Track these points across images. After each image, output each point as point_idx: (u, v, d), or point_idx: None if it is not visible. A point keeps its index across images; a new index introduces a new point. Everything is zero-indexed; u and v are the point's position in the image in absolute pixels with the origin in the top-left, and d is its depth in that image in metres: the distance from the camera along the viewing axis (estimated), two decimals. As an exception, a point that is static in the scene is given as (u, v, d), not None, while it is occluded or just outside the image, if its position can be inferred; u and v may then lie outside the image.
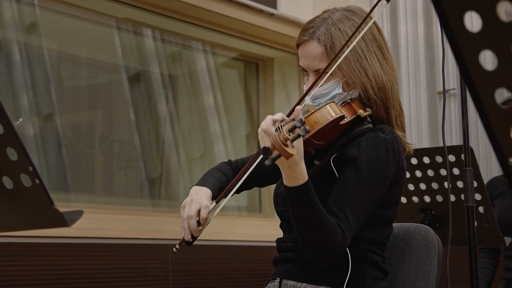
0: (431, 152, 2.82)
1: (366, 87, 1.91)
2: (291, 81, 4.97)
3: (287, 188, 1.72)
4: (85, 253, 3.46)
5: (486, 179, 3.39)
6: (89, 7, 4.07)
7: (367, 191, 1.81)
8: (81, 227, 2.29)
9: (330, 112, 1.81)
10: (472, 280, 2.29)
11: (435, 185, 2.83)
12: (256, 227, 4.42)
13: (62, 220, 1.36)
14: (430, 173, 2.82)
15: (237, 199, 4.72)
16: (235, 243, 4.19)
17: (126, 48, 4.30)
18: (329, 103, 1.83)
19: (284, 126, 1.62)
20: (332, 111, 1.81)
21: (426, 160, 2.81)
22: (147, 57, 4.37)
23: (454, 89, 4.89)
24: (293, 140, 1.56)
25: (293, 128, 1.57)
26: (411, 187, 2.89)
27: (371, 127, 1.90)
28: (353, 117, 1.87)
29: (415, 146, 2.08)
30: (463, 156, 2.39)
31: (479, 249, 3.58)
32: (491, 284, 3.58)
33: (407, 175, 2.86)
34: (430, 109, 5.00)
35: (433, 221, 2.87)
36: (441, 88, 4.90)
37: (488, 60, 0.76)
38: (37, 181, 1.34)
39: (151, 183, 4.43)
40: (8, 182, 1.39)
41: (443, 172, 2.79)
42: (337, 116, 1.81)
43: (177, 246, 1.90)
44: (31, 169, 1.33)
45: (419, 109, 5.02)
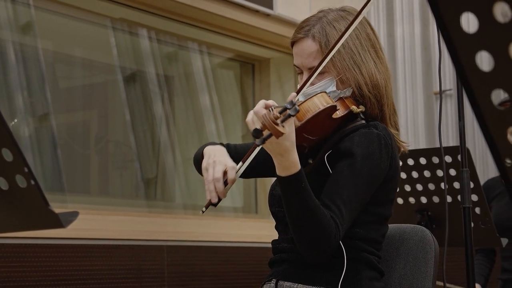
0: (427, 153, 2.82)
1: (360, 84, 1.92)
2: (287, 82, 4.96)
3: (280, 178, 1.72)
4: (81, 254, 3.45)
5: (482, 180, 3.38)
6: (84, 7, 4.06)
7: (360, 185, 1.81)
8: (76, 228, 2.28)
9: (321, 101, 1.82)
10: (468, 281, 2.29)
11: (431, 186, 2.83)
12: (252, 228, 4.41)
13: (57, 221, 1.36)
14: (426, 174, 2.82)
15: (233, 200, 4.71)
16: (231, 244, 4.18)
17: (121, 48, 4.29)
18: (321, 92, 1.84)
19: (275, 108, 1.64)
20: (323, 100, 1.82)
21: (422, 161, 2.81)
22: (143, 57, 4.37)
23: (450, 89, 4.89)
24: (284, 120, 1.58)
25: (284, 109, 1.59)
26: (407, 188, 2.89)
27: (365, 124, 1.91)
28: (346, 112, 1.88)
29: (410, 145, 2.09)
30: (459, 157, 2.39)
31: (475, 250, 3.58)
32: (488, 279, 3.58)
33: (404, 175, 2.86)
34: (426, 110, 5.00)
35: (429, 222, 2.86)
36: (438, 88, 4.92)
37: (484, 61, 0.76)
38: (33, 182, 1.34)
39: (146, 184, 4.43)
40: (3, 183, 1.38)
41: (440, 173, 2.78)
42: (329, 105, 1.81)
43: (204, 209, 1.88)
44: (26, 170, 1.33)
45: (416, 110, 5.02)
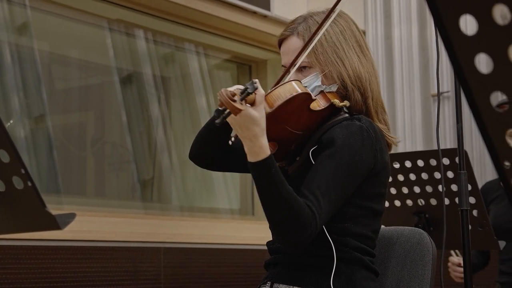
0: (425, 155, 2.81)
1: (343, 77, 1.92)
2: (284, 83, 4.95)
3: (250, 164, 1.72)
4: (77, 256, 3.44)
5: (480, 182, 3.38)
6: (81, 8, 4.05)
7: (340, 175, 1.80)
8: (72, 230, 2.27)
9: (294, 87, 1.81)
10: (466, 283, 2.28)
11: (429, 188, 2.82)
12: (248, 230, 4.40)
13: (54, 223, 1.36)
14: (424, 176, 2.81)
15: (230, 202, 4.70)
16: (227, 246, 4.17)
17: (118, 49, 4.28)
18: (293, 80, 1.84)
19: (236, 90, 1.66)
20: (297, 86, 1.82)
21: (420, 163, 2.80)
22: (139, 58, 4.36)
23: (448, 91, 4.89)
24: (243, 97, 1.60)
25: (245, 89, 1.62)
26: (405, 190, 2.88)
27: (348, 117, 1.91)
28: (327, 105, 1.88)
29: (399, 139, 2.09)
30: (457, 159, 2.38)
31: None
32: (479, 266, 3.59)
33: (401, 178, 2.85)
34: (424, 112, 5.00)
35: (427, 224, 2.86)
36: (435, 90, 4.91)
37: (482, 63, 0.75)
38: (30, 184, 1.34)
39: (143, 185, 4.42)
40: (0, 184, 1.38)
41: (437, 175, 2.77)
42: (302, 91, 1.81)
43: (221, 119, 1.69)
44: (23, 171, 1.33)
45: (413, 112, 5.02)
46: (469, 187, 2.53)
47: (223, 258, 4.11)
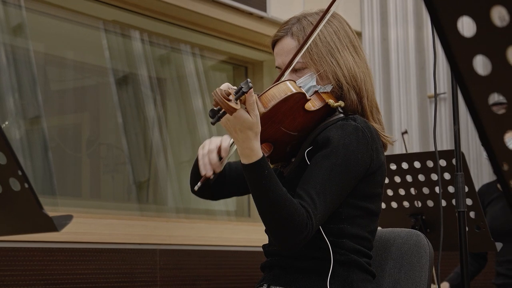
0: (422, 156, 2.81)
1: (338, 76, 1.92)
2: (280, 85, 4.94)
3: (243, 166, 1.73)
4: (72, 258, 3.43)
5: (476, 184, 3.38)
6: (76, 9, 4.04)
7: (335, 175, 1.79)
8: (68, 231, 2.26)
9: (289, 87, 1.81)
10: (463, 285, 2.28)
11: (426, 190, 2.82)
12: (244, 232, 4.40)
13: (51, 224, 1.36)
14: (421, 178, 2.81)
15: (226, 204, 4.70)
16: (224, 248, 4.16)
17: (113, 50, 4.27)
18: (288, 80, 1.84)
19: (231, 89, 1.66)
20: (291, 86, 1.82)
21: (417, 164, 2.80)
22: (135, 59, 4.35)
23: (444, 93, 4.89)
24: (237, 96, 1.61)
25: (239, 89, 1.62)
26: (401, 192, 2.88)
27: (343, 117, 1.91)
28: (322, 105, 1.88)
29: (394, 139, 2.09)
30: (454, 161, 2.37)
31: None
32: (475, 272, 3.59)
33: (398, 179, 2.85)
34: (420, 114, 5.00)
35: (424, 226, 2.85)
36: (432, 92, 4.92)
37: (480, 65, 0.75)
38: (26, 186, 1.33)
39: (138, 187, 4.41)
40: (-4, 186, 1.37)
41: (434, 177, 2.77)
42: (296, 91, 1.81)
43: (199, 184, 1.88)
44: (20, 173, 1.32)
45: (409, 113, 5.02)
46: (466, 189, 2.53)
47: (219, 260, 4.10)
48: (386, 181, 2.75)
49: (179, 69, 4.68)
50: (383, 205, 2.83)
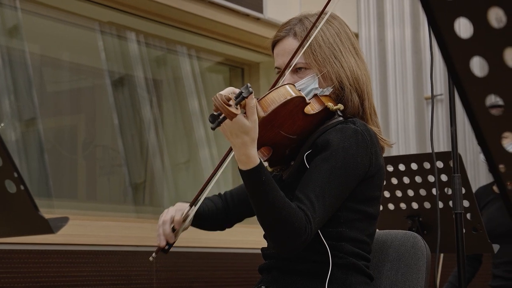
0: (419, 158, 2.80)
1: (341, 77, 1.92)
2: (277, 86, 4.94)
3: (240, 171, 1.73)
4: (68, 260, 3.42)
5: (473, 186, 3.38)
6: (72, 10, 4.04)
7: (334, 178, 1.79)
8: (64, 233, 2.25)
9: (288, 91, 1.81)
10: (460, 287, 2.27)
11: (423, 192, 2.82)
12: (241, 234, 4.38)
13: (47, 227, 1.35)
14: (418, 179, 2.80)
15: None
16: (220, 250, 4.16)
17: (109, 52, 4.27)
18: (287, 84, 1.84)
19: (231, 94, 1.66)
20: (291, 90, 1.82)
21: (414, 166, 2.79)
22: (131, 61, 4.35)
23: (441, 94, 4.89)
24: (237, 101, 1.60)
25: (239, 93, 1.62)
26: (398, 194, 2.87)
27: (342, 120, 1.91)
28: (321, 109, 1.87)
29: (393, 142, 2.09)
30: (451, 162, 2.37)
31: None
32: (470, 278, 3.58)
33: (395, 181, 2.84)
34: (417, 115, 5.00)
35: (420, 228, 2.85)
36: (429, 93, 4.92)
37: (477, 66, 0.75)
38: (22, 187, 1.33)
39: (135, 189, 4.41)
40: (-8, 188, 1.37)
41: (431, 178, 2.77)
42: (296, 95, 1.80)
43: (154, 254, 1.93)
44: (16, 175, 1.32)
45: (406, 115, 5.02)
46: (463, 191, 2.52)
47: (215, 262, 4.09)
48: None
49: (175, 71, 4.68)
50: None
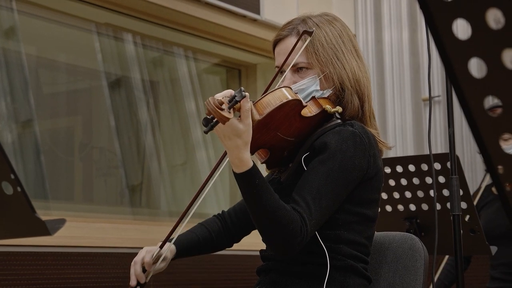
0: (416, 160, 2.80)
1: (343, 78, 1.93)
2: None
3: (234, 174, 1.73)
4: (64, 262, 3.41)
5: (471, 187, 3.37)
6: (69, 11, 4.03)
7: (332, 181, 1.79)
8: (60, 235, 2.24)
9: (284, 94, 1.81)
10: (458, 288, 2.27)
11: (420, 193, 2.81)
12: (238, 235, 4.38)
13: (44, 228, 1.35)
14: (415, 181, 2.80)
15: (219, 207, 4.68)
16: (217, 252, 4.14)
17: (106, 53, 4.26)
18: (284, 87, 1.84)
19: (225, 98, 1.66)
20: (287, 93, 1.81)
21: (411, 168, 2.79)
22: (128, 62, 4.34)
23: (439, 96, 4.88)
24: (230, 105, 1.60)
25: (233, 97, 1.62)
26: (396, 195, 2.87)
27: (340, 123, 1.91)
28: (318, 111, 1.88)
29: (392, 145, 2.09)
30: (449, 164, 2.37)
31: (449, 257, 3.57)
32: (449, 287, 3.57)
33: (392, 183, 2.84)
34: (414, 117, 4.99)
35: (418, 229, 2.85)
36: (426, 95, 4.91)
37: (475, 67, 0.74)
38: (19, 189, 1.32)
39: (131, 190, 4.40)
40: (-11, 190, 1.36)
41: (429, 180, 2.76)
42: (292, 98, 1.80)
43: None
44: (12, 176, 1.31)
45: (404, 117, 5.01)
46: (461, 192, 2.52)
47: (213, 264, 4.09)
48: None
49: (172, 72, 4.67)
50: (377, 209, 2.82)
